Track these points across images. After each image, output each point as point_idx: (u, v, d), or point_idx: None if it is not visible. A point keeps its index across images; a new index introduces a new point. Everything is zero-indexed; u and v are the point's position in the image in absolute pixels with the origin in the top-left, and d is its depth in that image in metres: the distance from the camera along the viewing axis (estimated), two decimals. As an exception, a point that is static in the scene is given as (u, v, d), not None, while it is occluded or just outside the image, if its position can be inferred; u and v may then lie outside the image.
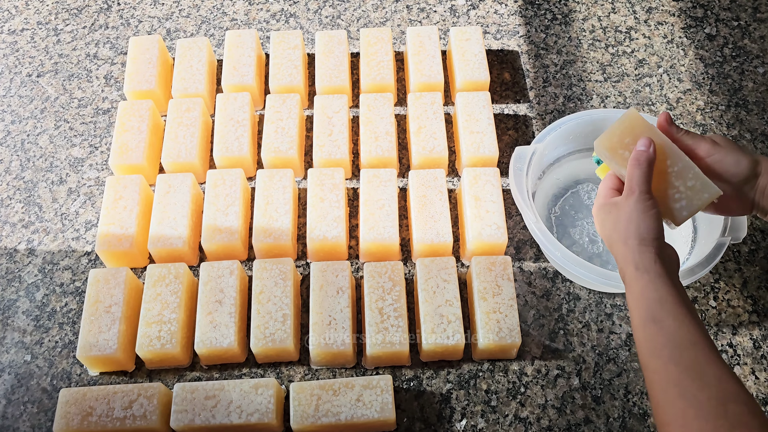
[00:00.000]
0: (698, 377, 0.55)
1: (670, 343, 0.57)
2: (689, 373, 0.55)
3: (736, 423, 0.52)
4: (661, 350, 0.58)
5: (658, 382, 0.57)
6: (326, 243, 0.91)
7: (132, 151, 0.99)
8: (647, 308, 0.60)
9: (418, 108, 1.01)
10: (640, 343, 0.60)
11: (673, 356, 0.57)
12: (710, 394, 0.54)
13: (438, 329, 0.83)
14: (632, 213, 0.64)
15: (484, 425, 0.83)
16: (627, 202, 0.66)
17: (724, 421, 0.52)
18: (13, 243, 0.97)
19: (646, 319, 0.60)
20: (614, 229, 0.66)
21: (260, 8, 1.20)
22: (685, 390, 0.55)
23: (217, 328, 0.84)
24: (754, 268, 0.93)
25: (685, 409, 0.54)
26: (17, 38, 1.17)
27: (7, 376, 0.87)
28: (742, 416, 0.52)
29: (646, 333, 0.59)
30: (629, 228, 0.64)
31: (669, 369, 0.56)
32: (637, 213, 0.64)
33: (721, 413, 0.52)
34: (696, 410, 0.53)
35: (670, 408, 0.55)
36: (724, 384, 0.54)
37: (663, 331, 0.58)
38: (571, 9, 1.19)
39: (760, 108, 1.07)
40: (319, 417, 0.78)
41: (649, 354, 0.59)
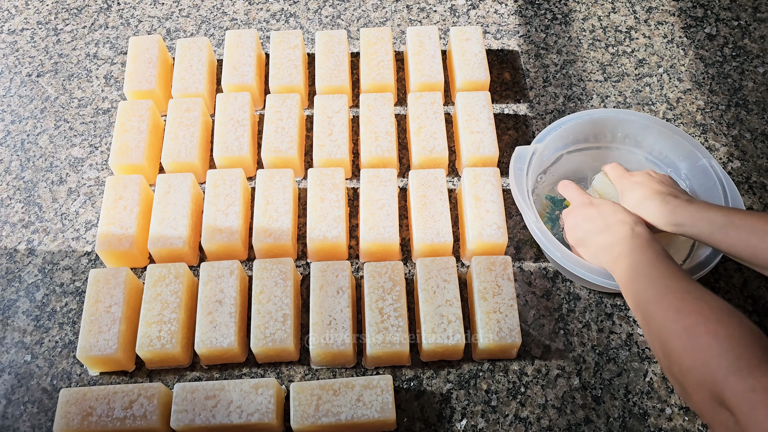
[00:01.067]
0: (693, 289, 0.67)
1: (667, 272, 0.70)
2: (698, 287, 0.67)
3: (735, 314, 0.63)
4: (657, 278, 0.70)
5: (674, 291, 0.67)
6: (326, 243, 0.91)
7: (132, 151, 0.99)
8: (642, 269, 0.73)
9: (418, 108, 1.01)
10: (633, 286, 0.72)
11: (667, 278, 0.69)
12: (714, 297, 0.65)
13: (438, 329, 0.83)
14: (596, 202, 0.83)
15: (484, 425, 0.83)
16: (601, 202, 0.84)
17: (728, 310, 0.63)
18: (13, 243, 0.97)
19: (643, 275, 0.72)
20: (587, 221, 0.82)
21: (260, 8, 1.20)
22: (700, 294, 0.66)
23: (217, 328, 0.84)
24: (754, 268, 0.93)
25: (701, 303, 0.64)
26: (17, 38, 1.17)
27: (7, 376, 0.87)
28: (739, 313, 0.63)
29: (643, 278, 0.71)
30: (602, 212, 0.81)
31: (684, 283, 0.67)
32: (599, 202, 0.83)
33: (730, 310, 0.63)
34: (710, 303, 0.64)
35: (687, 305, 0.65)
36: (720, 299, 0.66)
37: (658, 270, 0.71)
38: (571, 9, 1.19)
39: (760, 108, 1.07)
40: (320, 417, 0.78)
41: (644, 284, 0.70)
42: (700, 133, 1.05)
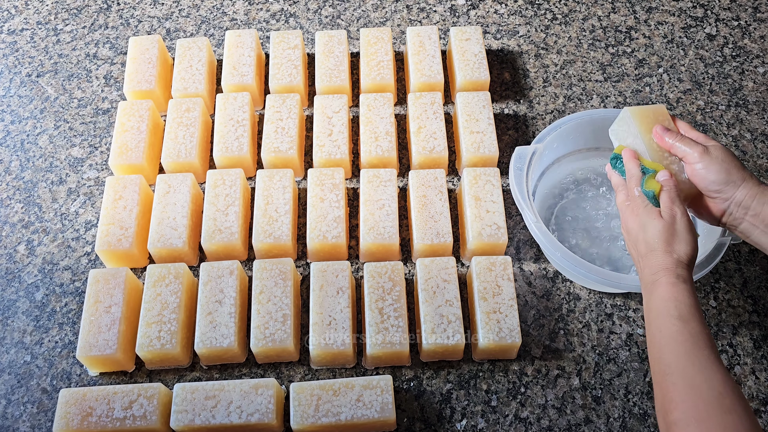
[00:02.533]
0: (705, 372, 0.62)
1: (690, 340, 0.65)
2: (698, 367, 0.63)
3: (728, 410, 0.60)
4: (680, 345, 0.65)
5: (668, 374, 0.64)
6: (326, 243, 0.91)
7: (132, 151, 0.98)
8: (677, 308, 0.67)
9: (418, 108, 1.01)
10: (659, 336, 0.67)
11: (688, 351, 0.64)
12: (711, 385, 0.61)
13: (438, 329, 0.83)
14: (682, 230, 0.72)
15: (484, 425, 0.83)
16: (676, 217, 0.73)
17: (719, 408, 0.60)
18: (13, 243, 0.97)
19: (674, 317, 0.66)
20: (658, 236, 0.72)
21: (260, 8, 1.20)
22: (692, 381, 0.62)
23: (217, 328, 0.84)
24: (754, 268, 0.93)
25: (688, 396, 0.61)
26: (17, 38, 1.17)
27: (7, 376, 0.87)
28: (734, 406, 0.60)
29: (670, 328, 0.66)
30: (677, 243, 0.71)
31: (681, 361, 0.64)
32: (686, 232, 0.72)
33: (717, 402, 0.60)
34: (697, 397, 0.61)
35: (675, 395, 0.62)
36: (726, 382, 0.62)
37: (687, 329, 0.65)
38: (571, 9, 1.19)
39: (760, 108, 1.07)
40: (320, 417, 0.78)
41: (665, 346, 0.66)
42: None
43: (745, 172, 0.74)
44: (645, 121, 0.80)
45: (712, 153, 0.74)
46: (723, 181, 0.73)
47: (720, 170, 0.73)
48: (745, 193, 0.73)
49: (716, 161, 0.74)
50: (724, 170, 0.73)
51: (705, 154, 0.74)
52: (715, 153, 0.74)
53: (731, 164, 0.74)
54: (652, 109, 0.81)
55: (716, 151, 0.74)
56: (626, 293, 0.91)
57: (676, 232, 0.71)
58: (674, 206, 0.73)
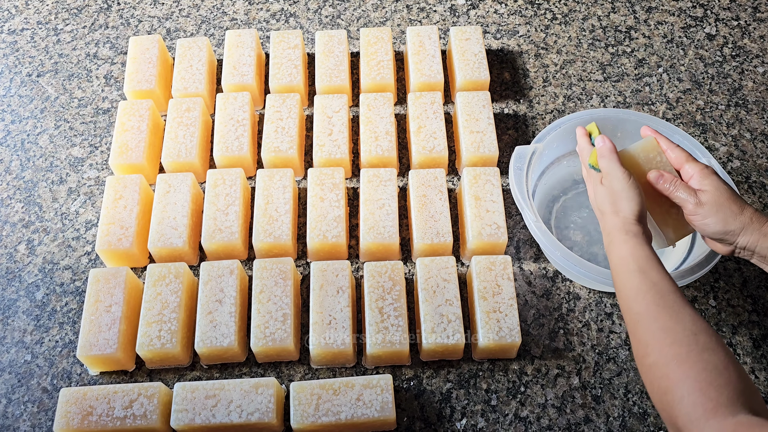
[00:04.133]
0: (675, 315, 0.65)
1: (653, 289, 0.67)
2: (668, 311, 0.66)
3: (704, 348, 0.62)
4: (645, 294, 0.67)
5: (640, 322, 0.67)
6: (326, 243, 0.91)
7: (132, 150, 0.99)
8: (635, 262, 0.70)
9: (418, 108, 1.01)
10: (626, 291, 0.70)
11: (655, 299, 0.67)
12: (684, 326, 0.64)
13: (438, 329, 0.83)
14: (620, 190, 0.74)
15: (484, 424, 0.83)
16: (612, 180, 0.75)
17: (695, 346, 0.62)
18: (13, 243, 0.97)
19: (634, 271, 0.69)
20: (604, 200, 0.76)
21: (260, 8, 1.20)
22: (664, 324, 0.65)
23: (217, 327, 0.84)
24: (754, 268, 0.93)
25: (663, 338, 0.64)
26: (17, 38, 1.17)
27: (7, 375, 0.87)
28: (709, 343, 0.62)
29: (633, 281, 0.69)
30: (620, 203, 0.74)
31: (651, 309, 0.66)
32: (625, 191, 0.74)
33: (692, 340, 0.63)
34: (672, 338, 0.63)
35: (650, 339, 0.65)
36: (696, 321, 0.64)
37: (648, 279, 0.68)
38: (571, 9, 1.19)
39: (760, 108, 1.07)
40: (320, 416, 0.78)
41: (633, 298, 0.68)
42: (699, 133, 1.05)
43: (744, 216, 0.72)
44: (634, 169, 0.78)
45: (705, 204, 0.73)
46: (720, 232, 0.73)
47: (716, 221, 0.72)
48: (747, 240, 0.72)
49: (710, 212, 0.73)
50: (720, 221, 0.72)
51: (698, 206, 0.73)
52: (709, 202, 0.73)
53: (727, 213, 0.72)
54: (641, 148, 0.79)
55: (709, 198, 0.73)
56: (626, 293, 0.91)
57: (615, 192, 0.74)
58: (609, 168, 0.75)
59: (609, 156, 0.76)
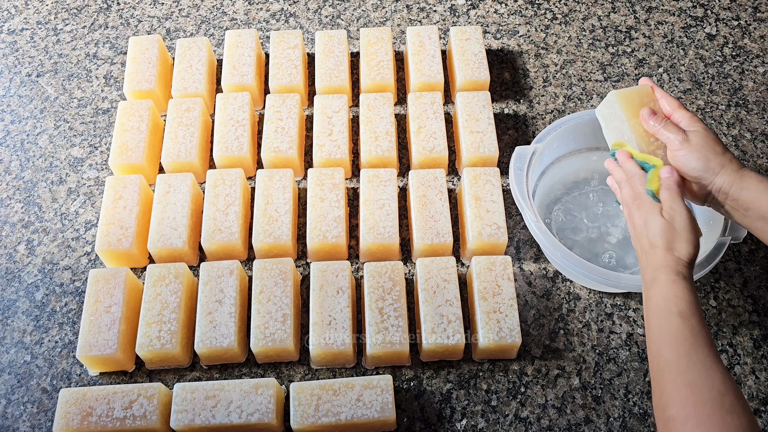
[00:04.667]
0: (705, 372, 0.62)
1: (690, 338, 0.65)
2: (698, 367, 0.63)
3: (729, 411, 0.60)
4: (680, 343, 0.65)
5: (668, 371, 0.64)
6: (326, 243, 0.91)
7: (132, 150, 0.99)
8: (677, 305, 0.67)
9: (418, 108, 1.01)
10: (660, 334, 0.67)
11: (688, 350, 0.64)
12: (712, 385, 0.61)
13: (438, 329, 0.83)
14: (682, 229, 0.71)
15: (484, 425, 0.83)
16: (675, 216, 0.72)
17: (719, 409, 0.60)
18: (13, 243, 0.97)
19: (675, 314, 0.66)
20: (659, 234, 0.72)
21: (260, 8, 1.20)
22: (692, 380, 0.62)
23: (217, 328, 0.84)
24: (754, 268, 0.93)
25: (688, 395, 0.61)
26: (17, 38, 1.17)
27: (7, 376, 0.87)
28: (735, 407, 0.60)
29: (670, 325, 0.66)
30: (678, 241, 0.71)
31: (681, 360, 0.64)
32: (686, 231, 0.71)
33: (718, 402, 0.60)
34: (697, 397, 0.61)
35: (674, 393, 0.62)
36: (726, 381, 0.62)
37: (687, 326, 0.65)
38: (571, 9, 1.19)
39: (760, 108, 1.07)
40: (320, 417, 0.78)
41: (666, 343, 0.66)
42: (700, 132, 1.05)
43: (724, 157, 0.74)
44: (631, 105, 0.80)
45: (691, 140, 0.75)
46: (701, 168, 0.74)
47: (699, 158, 0.74)
48: (723, 180, 0.74)
49: (695, 149, 0.74)
50: (702, 158, 0.74)
51: (684, 142, 0.75)
52: (695, 140, 0.75)
53: (710, 151, 0.74)
54: (638, 91, 0.81)
55: (696, 138, 0.75)
56: (626, 293, 0.91)
57: (676, 230, 0.71)
58: (674, 204, 0.72)
59: (676, 190, 0.74)
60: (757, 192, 0.72)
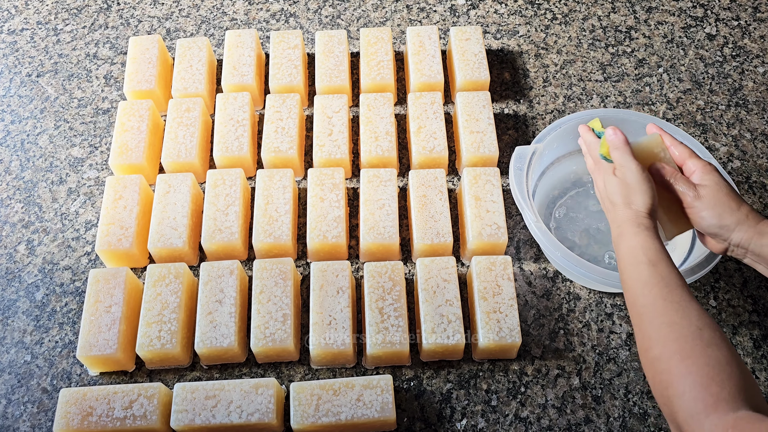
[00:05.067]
0: (681, 309, 0.65)
1: (661, 282, 0.67)
2: (674, 306, 0.65)
3: (708, 343, 0.62)
4: (653, 287, 0.67)
5: (645, 314, 0.67)
6: (326, 243, 0.91)
7: (132, 150, 0.99)
8: (645, 254, 0.69)
9: (418, 108, 1.01)
10: (633, 282, 0.69)
11: (662, 292, 0.67)
12: (690, 321, 0.64)
13: (438, 329, 0.83)
14: (634, 183, 0.73)
15: (484, 425, 0.83)
16: (626, 173, 0.74)
17: (699, 341, 0.62)
18: (13, 243, 0.97)
19: (643, 263, 0.69)
20: (616, 192, 0.75)
21: (260, 8, 1.20)
22: (670, 318, 0.65)
23: (217, 327, 0.84)
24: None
25: (668, 333, 0.64)
26: (17, 38, 1.17)
27: (7, 376, 0.87)
28: (714, 339, 0.62)
29: (641, 273, 0.69)
30: (633, 195, 0.73)
31: (657, 303, 0.66)
32: (639, 183, 0.73)
33: (697, 335, 0.63)
34: (677, 333, 0.63)
35: (654, 333, 0.65)
36: (702, 317, 0.64)
37: (657, 272, 0.68)
38: (571, 9, 1.19)
39: (760, 108, 1.07)
40: (320, 417, 0.78)
41: (640, 291, 0.68)
42: (700, 133, 1.05)
43: (740, 213, 0.72)
44: (639, 161, 0.77)
45: (703, 198, 0.73)
46: (716, 225, 0.73)
47: (712, 215, 0.73)
48: (740, 236, 0.72)
49: (707, 206, 0.73)
50: (716, 216, 0.72)
51: (696, 199, 0.73)
52: (707, 197, 0.73)
53: (724, 208, 0.72)
54: (646, 143, 0.78)
55: (707, 194, 0.73)
56: (626, 293, 0.91)
57: (629, 185, 0.73)
58: (623, 161, 0.74)
59: (623, 148, 0.75)
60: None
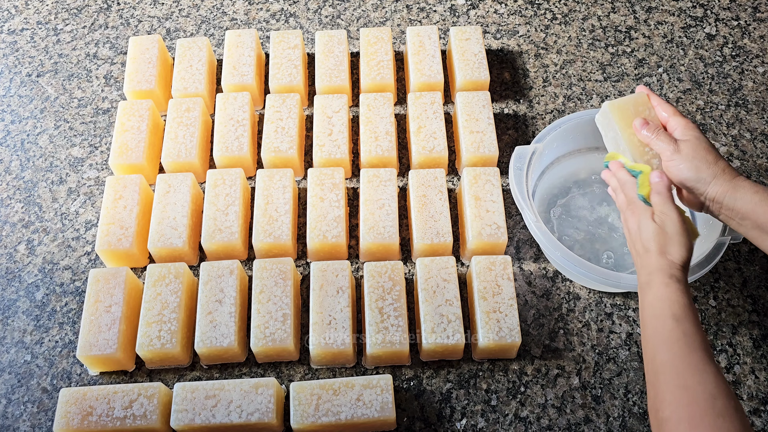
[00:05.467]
0: (698, 374, 0.63)
1: (683, 339, 0.65)
2: (692, 369, 0.63)
3: (720, 413, 0.60)
4: (673, 344, 0.65)
5: (661, 373, 0.65)
6: (326, 243, 0.91)
7: (132, 150, 0.99)
8: (671, 309, 0.67)
9: (418, 108, 1.01)
10: (654, 337, 0.68)
11: (682, 351, 0.65)
12: (705, 388, 0.62)
13: (438, 329, 0.83)
14: (674, 233, 0.72)
15: (484, 425, 0.83)
16: (666, 220, 0.72)
17: (711, 411, 0.60)
18: (13, 243, 0.97)
19: (668, 317, 0.67)
20: (652, 239, 0.72)
21: (260, 8, 1.20)
22: (685, 381, 0.63)
23: (217, 327, 0.84)
24: (754, 268, 0.93)
25: (681, 397, 0.62)
26: (17, 38, 1.17)
27: (7, 375, 0.87)
28: (727, 409, 0.60)
29: (664, 328, 0.67)
30: (670, 245, 0.71)
31: (675, 363, 0.64)
32: (678, 235, 0.72)
33: (710, 404, 0.61)
34: (690, 399, 0.62)
35: (667, 394, 0.63)
36: (719, 384, 0.62)
37: (680, 329, 0.66)
38: (571, 9, 1.19)
39: (760, 107, 1.07)
40: (320, 416, 0.78)
41: (660, 346, 0.66)
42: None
43: (717, 167, 0.73)
44: (625, 116, 0.80)
45: (682, 150, 0.74)
46: (692, 178, 0.74)
47: (689, 168, 0.74)
48: (716, 190, 0.73)
49: (686, 159, 0.74)
50: (693, 168, 0.73)
51: (676, 152, 0.75)
52: (686, 150, 0.74)
53: (701, 161, 0.73)
54: (633, 100, 0.80)
55: (687, 148, 0.74)
56: (626, 293, 0.91)
57: (668, 234, 0.72)
58: (665, 208, 0.73)
59: (666, 194, 0.74)
60: (751, 203, 0.72)
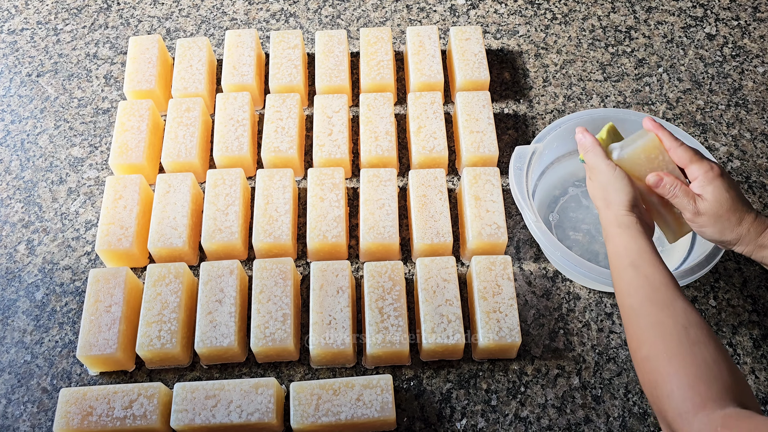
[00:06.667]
0: (667, 308, 0.65)
1: (646, 283, 0.68)
2: (660, 306, 0.66)
3: (694, 341, 0.62)
4: (638, 289, 0.68)
5: (633, 316, 0.67)
6: (326, 243, 0.91)
7: (132, 150, 0.99)
8: (628, 257, 0.70)
9: (418, 108, 1.01)
10: (620, 287, 0.70)
11: (647, 294, 0.67)
12: (676, 320, 0.64)
13: (438, 329, 0.83)
14: (607, 183, 0.74)
15: (484, 425, 0.83)
16: (597, 174, 0.75)
17: (686, 340, 0.63)
18: (13, 243, 0.97)
19: (627, 265, 0.69)
20: (596, 196, 0.75)
21: (260, 8, 1.20)
22: (656, 318, 0.65)
23: (217, 327, 0.84)
24: (754, 268, 0.93)
25: (654, 333, 0.65)
26: (17, 38, 1.17)
27: (7, 375, 0.87)
28: (700, 337, 0.63)
29: (626, 276, 0.69)
30: (609, 194, 0.73)
31: (643, 304, 0.67)
32: (611, 183, 0.73)
33: (683, 334, 0.63)
34: (663, 332, 0.64)
35: (642, 333, 0.66)
36: (689, 314, 0.65)
37: (640, 273, 0.68)
38: (571, 9, 1.19)
39: (760, 107, 1.07)
40: (320, 416, 0.78)
41: (626, 293, 0.69)
42: (699, 132, 1.05)
43: (742, 228, 0.72)
44: (635, 168, 0.76)
45: (703, 212, 0.72)
46: (717, 240, 0.74)
47: (713, 231, 0.73)
48: (743, 249, 0.74)
49: (708, 222, 0.72)
50: (717, 232, 0.73)
51: (697, 214, 0.72)
52: (708, 210, 0.72)
53: (725, 224, 0.72)
54: (642, 148, 0.76)
55: (709, 208, 0.72)
56: (626, 293, 0.91)
57: (603, 185, 0.73)
58: (593, 163, 0.74)
59: (592, 149, 0.76)
60: None
